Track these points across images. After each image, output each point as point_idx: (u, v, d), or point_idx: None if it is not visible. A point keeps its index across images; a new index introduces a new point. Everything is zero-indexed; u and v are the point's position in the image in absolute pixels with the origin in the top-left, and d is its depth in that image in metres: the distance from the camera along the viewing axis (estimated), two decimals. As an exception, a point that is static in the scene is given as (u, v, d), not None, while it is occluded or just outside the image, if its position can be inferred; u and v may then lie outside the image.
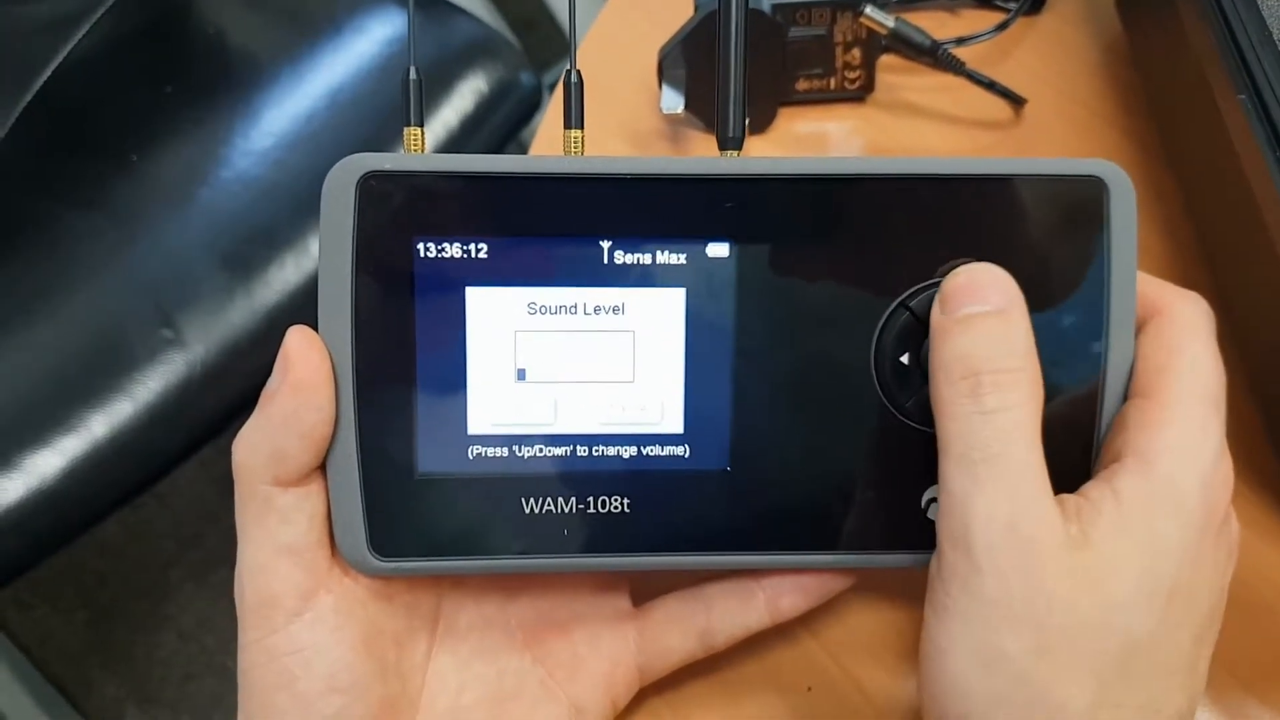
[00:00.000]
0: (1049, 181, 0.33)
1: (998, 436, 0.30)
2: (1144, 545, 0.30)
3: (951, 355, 0.31)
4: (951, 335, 0.31)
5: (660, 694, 0.39)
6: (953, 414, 0.30)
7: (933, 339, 0.32)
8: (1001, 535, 0.29)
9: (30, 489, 0.74)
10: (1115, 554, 0.29)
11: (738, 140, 0.35)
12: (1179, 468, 0.30)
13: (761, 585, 0.36)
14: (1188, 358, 0.32)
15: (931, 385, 0.31)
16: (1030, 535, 0.29)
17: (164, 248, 0.81)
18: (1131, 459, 0.31)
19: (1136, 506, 0.30)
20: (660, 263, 0.33)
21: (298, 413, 0.31)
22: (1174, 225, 0.48)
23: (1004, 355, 0.31)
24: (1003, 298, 0.31)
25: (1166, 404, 0.31)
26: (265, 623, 0.32)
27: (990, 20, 0.55)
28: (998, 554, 0.29)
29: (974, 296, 0.31)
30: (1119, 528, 0.30)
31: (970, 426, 0.30)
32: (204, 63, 0.91)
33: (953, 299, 0.31)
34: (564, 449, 0.33)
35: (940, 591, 0.30)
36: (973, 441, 0.30)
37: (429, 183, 0.32)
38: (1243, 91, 0.40)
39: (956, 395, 0.30)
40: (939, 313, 0.32)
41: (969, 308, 0.31)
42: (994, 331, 0.31)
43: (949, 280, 0.32)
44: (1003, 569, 0.29)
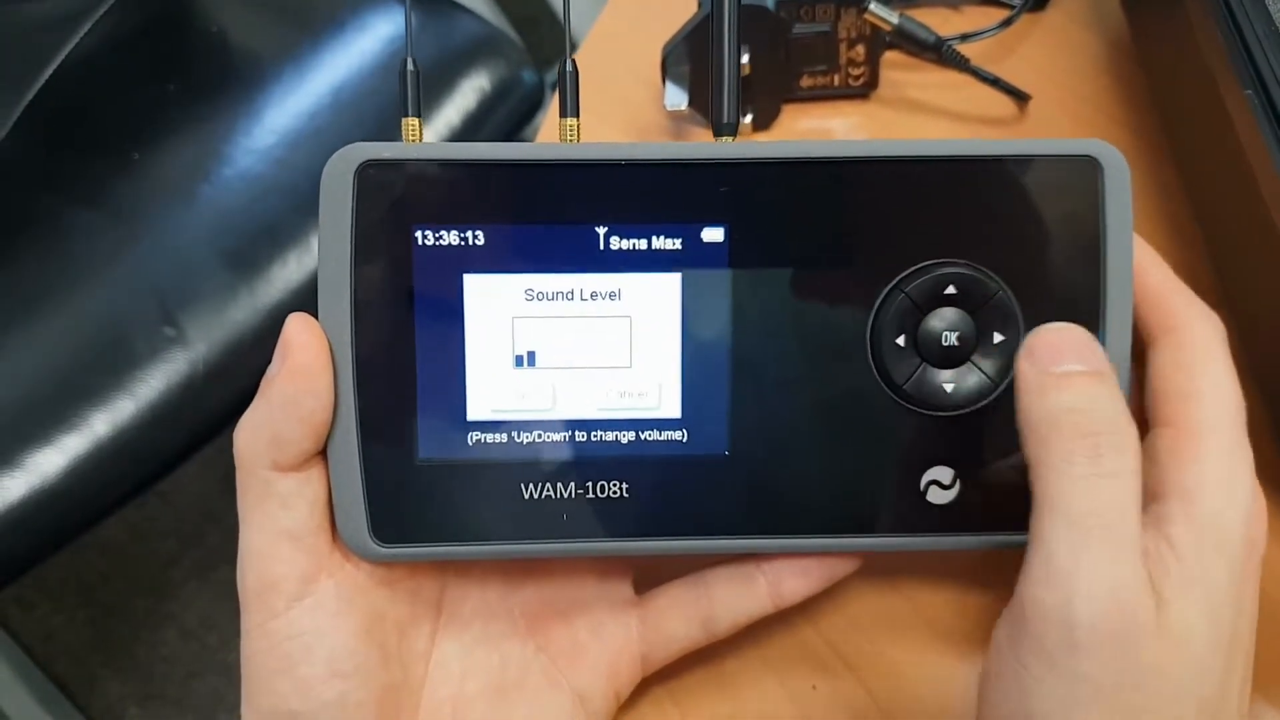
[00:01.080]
0: (1043, 162, 0.33)
1: (1115, 503, 0.28)
2: (1206, 596, 0.29)
3: (1061, 409, 0.29)
4: (1053, 389, 0.30)
5: (662, 683, 0.39)
6: (1066, 473, 0.29)
7: (1026, 392, 0.30)
8: (1109, 610, 0.27)
9: (32, 487, 0.74)
10: (1188, 612, 0.28)
11: (732, 126, 0.35)
12: (1223, 507, 0.29)
13: (763, 570, 0.36)
14: (1210, 382, 0.31)
15: (1032, 440, 0.30)
16: (1132, 609, 0.28)
17: (166, 246, 0.81)
18: (1175, 501, 0.30)
19: (1192, 555, 0.29)
20: (656, 248, 0.33)
21: (297, 398, 0.31)
22: (1179, 222, 0.48)
23: (1118, 416, 0.29)
24: (1099, 360, 0.30)
25: (1197, 434, 0.30)
26: (266, 607, 0.32)
27: (994, 16, 0.55)
28: (1101, 631, 0.27)
29: (1069, 355, 0.30)
30: (1185, 582, 0.28)
31: (1087, 489, 0.28)
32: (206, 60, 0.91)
33: (1045, 354, 0.30)
34: (563, 434, 0.33)
35: (1012, 662, 0.28)
36: (1089, 506, 0.28)
37: (426, 171, 0.32)
38: (1249, 87, 0.40)
39: (1072, 453, 0.29)
40: (1028, 366, 0.30)
41: (1066, 365, 0.30)
42: (1102, 392, 0.30)
43: (1037, 335, 0.31)
44: (1103, 646, 0.27)
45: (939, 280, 0.33)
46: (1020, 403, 0.30)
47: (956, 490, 0.34)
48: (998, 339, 0.33)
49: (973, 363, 0.33)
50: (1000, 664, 0.29)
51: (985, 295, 0.33)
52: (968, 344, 0.33)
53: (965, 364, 0.33)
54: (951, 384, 0.33)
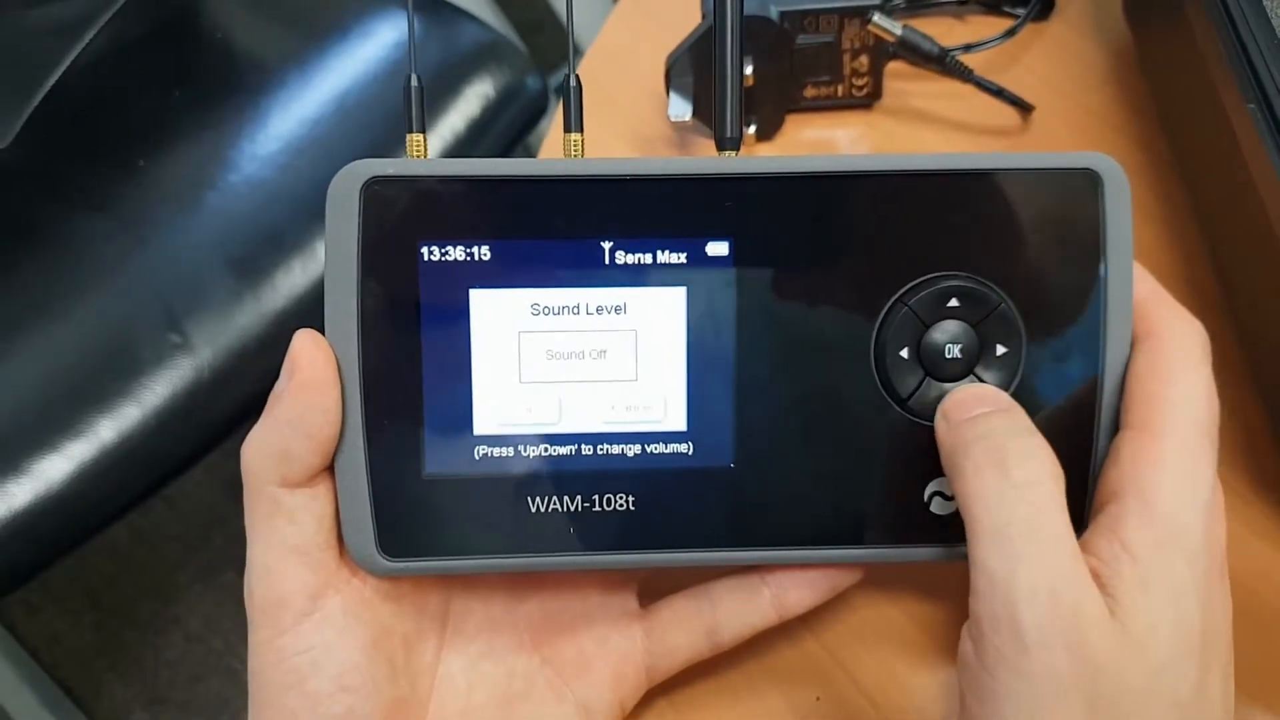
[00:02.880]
0: (1044, 175, 0.33)
1: (1032, 509, 0.29)
2: (1167, 597, 0.29)
3: (971, 442, 0.31)
4: (964, 430, 0.32)
5: (666, 695, 0.39)
6: (981, 493, 0.30)
7: (944, 445, 0.32)
8: (1047, 609, 0.28)
9: (38, 494, 0.74)
10: (1146, 613, 0.29)
11: (735, 141, 0.35)
12: (1179, 505, 0.30)
13: (767, 582, 0.36)
14: (1181, 388, 0.31)
15: (953, 477, 0.31)
16: (1074, 606, 0.28)
17: (171, 252, 0.81)
18: (1131, 500, 0.30)
19: (1149, 556, 0.29)
20: (661, 262, 0.33)
21: (304, 414, 0.31)
22: (1182, 233, 0.48)
23: (1024, 437, 0.31)
24: (1003, 400, 0.32)
25: (1161, 437, 0.31)
26: (274, 623, 0.32)
27: (998, 27, 0.55)
28: (1045, 629, 0.28)
29: (975, 404, 0.32)
30: (1141, 584, 0.29)
31: (1002, 502, 0.30)
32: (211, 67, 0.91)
33: (954, 410, 0.33)
34: (569, 448, 0.34)
35: (982, 674, 0.29)
36: (1007, 517, 0.29)
37: (432, 187, 0.33)
38: (1252, 100, 0.40)
39: (983, 477, 0.30)
40: (943, 425, 0.33)
41: (974, 410, 0.32)
42: (1005, 420, 0.32)
43: (945, 402, 0.33)
44: (1050, 643, 0.28)
45: (942, 293, 0.33)
46: (941, 455, 0.32)
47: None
48: (1000, 351, 0.33)
49: (975, 375, 0.33)
50: (969, 676, 0.30)
51: (988, 308, 0.33)
52: (971, 356, 0.33)
53: (968, 376, 0.34)
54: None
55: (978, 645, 0.29)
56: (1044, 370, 0.34)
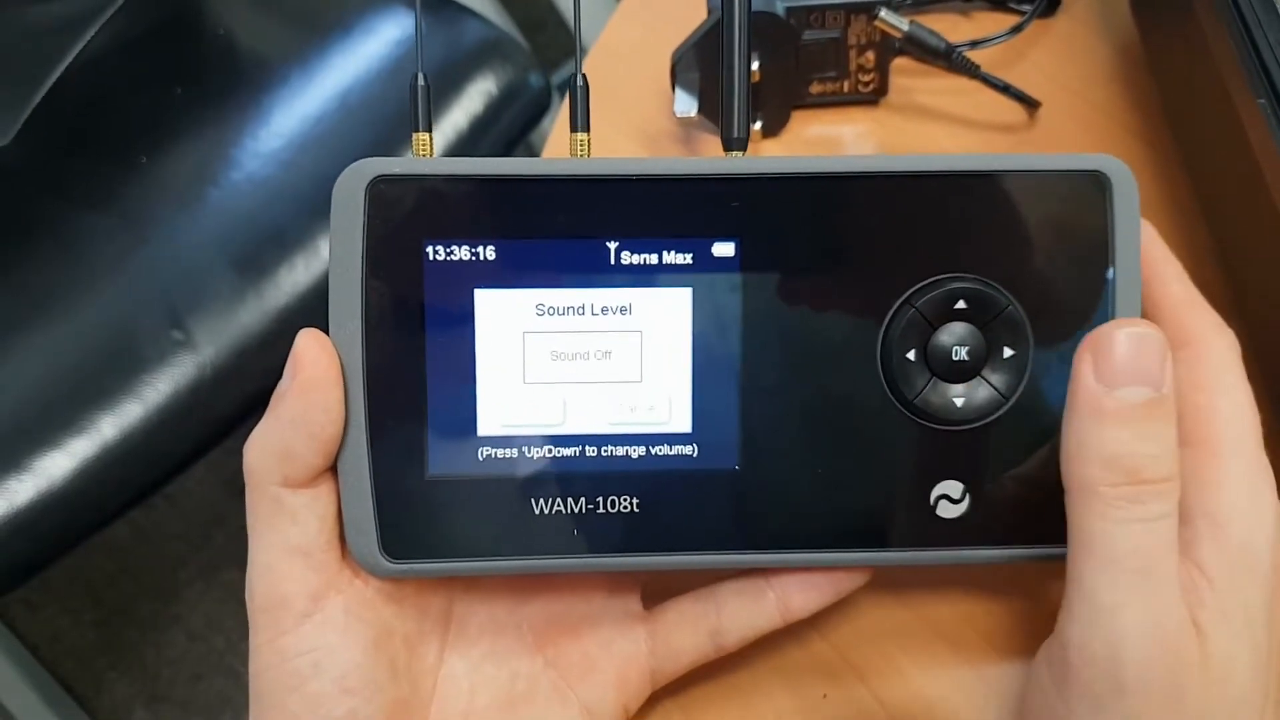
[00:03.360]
0: (1052, 177, 0.33)
1: (1157, 548, 0.28)
2: (1244, 626, 0.28)
3: (1111, 447, 0.29)
4: (1109, 421, 0.29)
5: (672, 696, 0.39)
6: (1110, 516, 0.28)
7: (1078, 410, 0.29)
8: (1155, 653, 0.27)
9: (40, 491, 0.74)
10: (1227, 643, 0.28)
11: (742, 141, 0.35)
12: (1252, 530, 0.29)
13: (772, 585, 0.36)
14: (1228, 400, 0.31)
15: (1074, 469, 0.29)
16: (1178, 649, 0.27)
17: (174, 250, 0.81)
18: (1202, 523, 0.29)
19: (1225, 582, 0.29)
20: (667, 263, 0.33)
21: (307, 413, 0.31)
22: (1190, 231, 0.48)
23: (1166, 460, 0.29)
24: (1163, 381, 0.29)
25: (1219, 455, 0.30)
26: (275, 624, 0.32)
27: (1004, 23, 0.55)
28: (1149, 673, 0.27)
29: (1142, 374, 0.29)
30: (1221, 612, 0.28)
31: (1129, 534, 0.28)
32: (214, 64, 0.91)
33: (1109, 369, 0.29)
34: (573, 449, 0.33)
35: (1056, 703, 0.28)
36: (1129, 547, 0.28)
37: (438, 186, 0.32)
38: (1262, 95, 0.40)
39: (1116, 497, 0.28)
40: (1088, 374, 0.29)
41: (1138, 391, 0.29)
42: (1159, 429, 0.29)
43: (1106, 337, 0.29)
44: (1151, 688, 0.27)
45: (949, 295, 0.33)
46: (1071, 417, 0.30)
47: (966, 504, 0.34)
48: (1008, 353, 0.33)
49: (983, 377, 0.33)
50: (1042, 699, 0.29)
51: (995, 310, 0.33)
52: (978, 358, 0.33)
53: (975, 378, 0.33)
54: (962, 398, 0.33)
55: (1061, 674, 0.28)
56: (1051, 373, 0.33)
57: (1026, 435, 0.33)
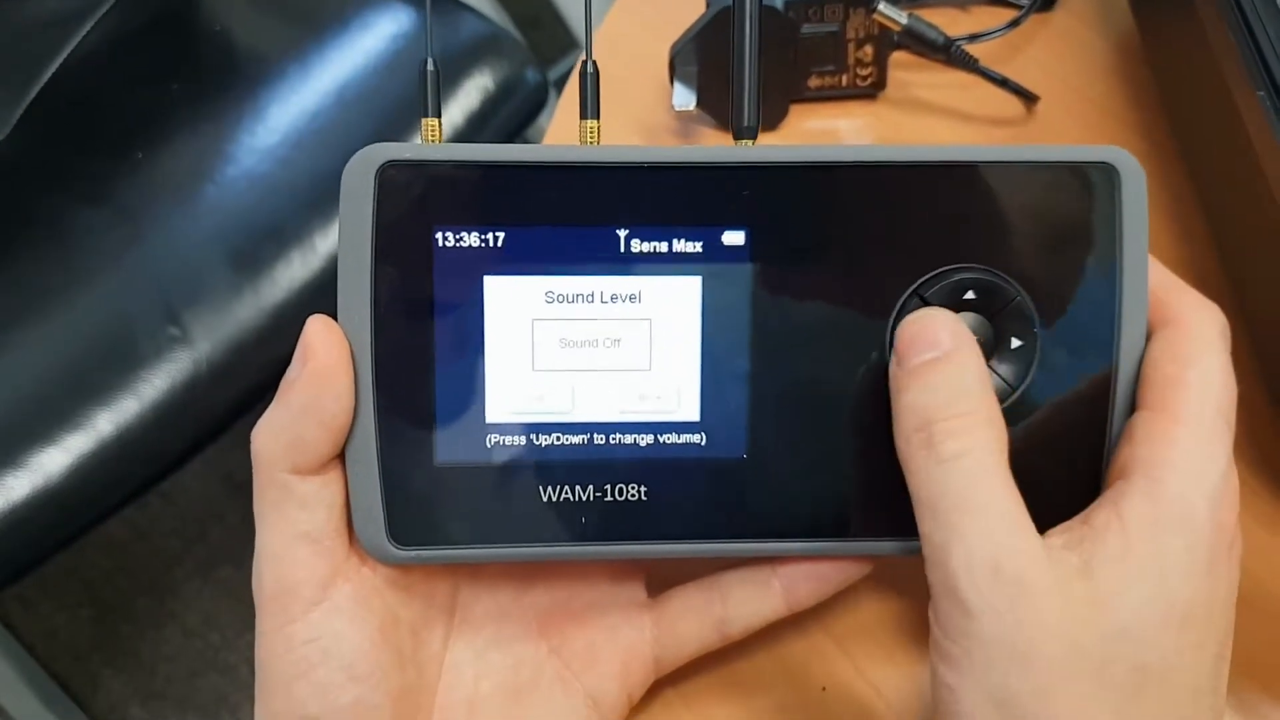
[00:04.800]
0: (1061, 168, 0.33)
1: (961, 483, 0.30)
2: (1150, 568, 0.29)
3: (905, 409, 0.31)
4: (904, 388, 0.32)
5: (674, 685, 0.39)
6: (914, 467, 0.31)
7: (891, 394, 0.32)
8: (986, 577, 0.29)
9: (36, 487, 0.74)
10: (1117, 581, 0.29)
11: (752, 130, 0.35)
12: (1188, 485, 0.30)
13: (777, 573, 0.36)
14: (1199, 371, 0.31)
15: (896, 440, 0.32)
16: (1016, 573, 0.28)
17: (171, 245, 0.81)
18: (1139, 478, 0.30)
19: (1142, 530, 0.29)
20: (677, 251, 0.33)
21: (317, 401, 0.31)
22: (1188, 223, 0.48)
23: (955, 400, 0.31)
24: (950, 339, 0.31)
25: (1176, 419, 0.31)
26: (284, 611, 0.32)
27: (1002, 17, 0.55)
28: (986, 596, 0.28)
29: (923, 344, 0.32)
30: (1121, 552, 0.29)
31: (932, 477, 0.30)
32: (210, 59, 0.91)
33: (904, 351, 0.32)
34: (581, 437, 0.33)
35: (942, 640, 0.30)
36: (938, 491, 0.30)
37: (448, 172, 0.32)
38: (1261, 88, 0.40)
39: (913, 449, 0.31)
40: (895, 367, 0.32)
41: (919, 356, 0.31)
42: (943, 378, 0.31)
43: (900, 331, 0.32)
44: (996, 610, 0.28)
45: (957, 285, 0.33)
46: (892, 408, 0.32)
47: None
48: (1015, 344, 0.33)
49: (990, 367, 0.33)
50: (933, 642, 0.30)
51: (1003, 300, 0.33)
52: (986, 349, 0.33)
53: None
54: None
55: (935, 612, 0.30)
56: (1059, 363, 0.33)
57: (1033, 425, 0.34)
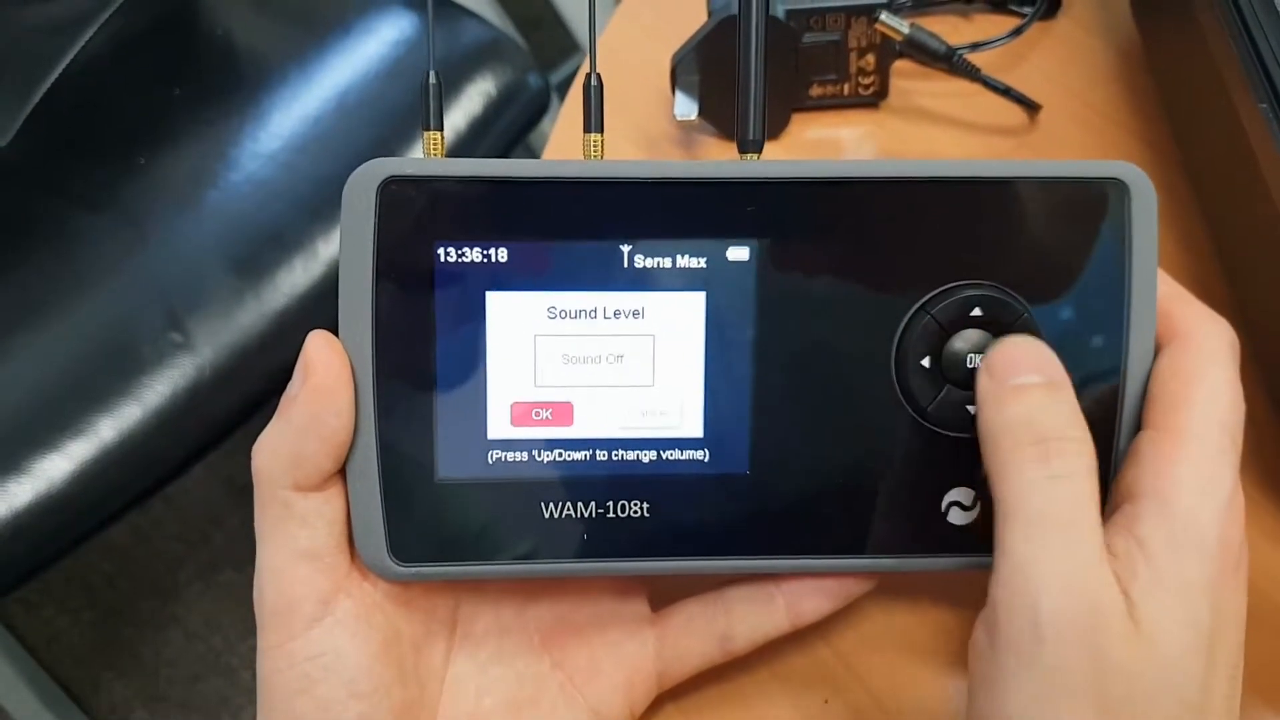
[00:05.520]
0: (1070, 184, 0.33)
1: (1067, 502, 0.29)
2: (1179, 596, 0.29)
3: (1014, 420, 0.31)
4: (1009, 401, 0.31)
5: (674, 700, 0.39)
6: (1019, 479, 0.30)
7: (984, 405, 0.31)
8: (1069, 602, 0.28)
9: (39, 493, 0.74)
10: (1158, 611, 0.29)
11: (758, 143, 0.35)
12: (1195, 505, 0.30)
13: (781, 589, 0.36)
14: (1205, 388, 0.31)
15: (989, 451, 0.31)
16: (1094, 602, 0.28)
17: (173, 251, 0.81)
18: (1149, 500, 0.30)
19: (1163, 554, 0.29)
20: (680, 266, 0.33)
21: (318, 417, 0.31)
22: (1190, 233, 0.48)
23: (1068, 423, 0.30)
24: (1054, 370, 0.31)
25: (1181, 439, 0.31)
26: (285, 628, 0.32)
27: (1004, 25, 0.55)
28: (1063, 622, 0.28)
29: (1024, 367, 0.31)
30: (1154, 581, 0.29)
31: (1038, 489, 0.29)
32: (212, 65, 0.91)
33: (1002, 368, 0.31)
34: (584, 453, 0.33)
35: (992, 662, 0.29)
36: (1041, 505, 0.29)
37: (450, 187, 0.32)
38: (1263, 100, 0.40)
39: (1024, 460, 0.30)
40: (987, 381, 0.31)
41: (1022, 377, 0.31)
42: (1054, 400, 0.31)
43: (995, 351, 0.32)
44: (1066, 638, 0.28)
45: (964, 302, 0.33)
46: (979, 416, 0.32)
47: (977, 511, 0.34)
48: None
49: None
50: (979, 663, 0.30)
51: (1010, 317, 0.33)
52: None
53: None
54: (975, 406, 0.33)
55: (992, 632, 0.29)
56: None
57: None
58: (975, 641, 0.30)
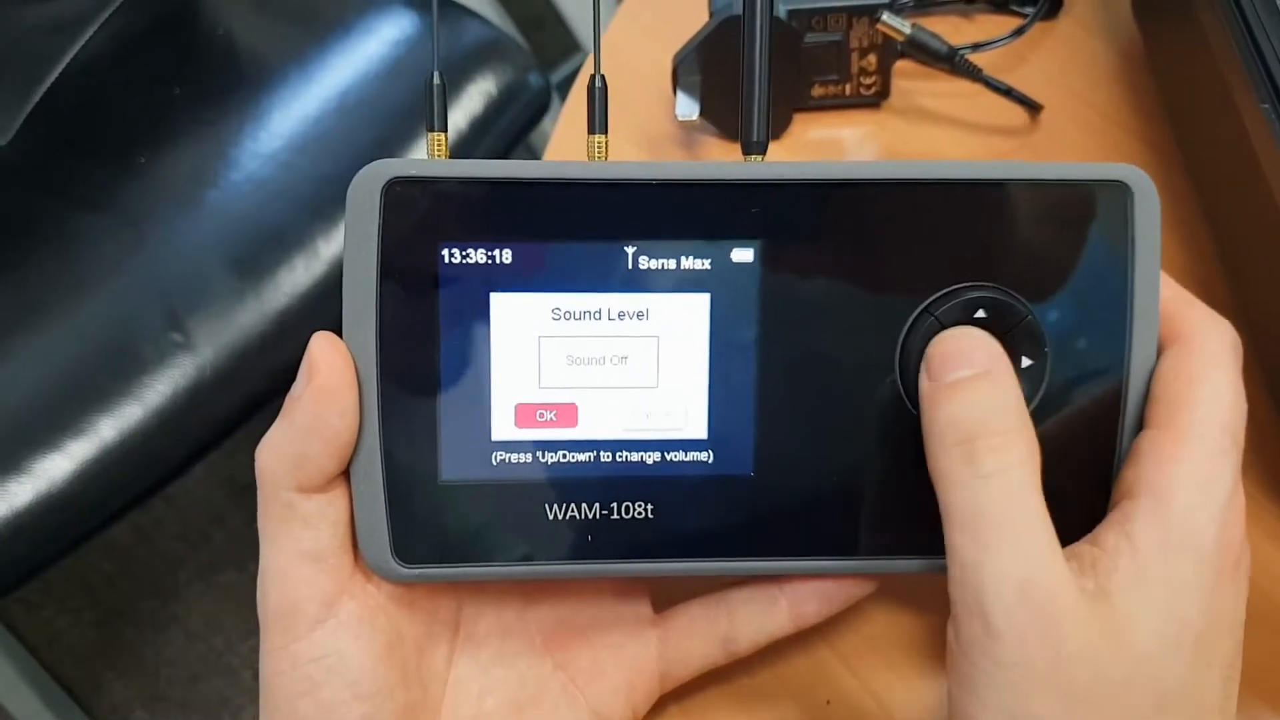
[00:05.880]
0: (1074, 186, 0.33)
1: (1000, 499, 0.29)
2: (1163, 592, 0.29)
3: (944, 422, 0.31)
4: (941, 402, 0.31)
5: (676, 701, 0.39)
6: (951, 482, 0.30)
7: (923, 408, 0.32)
8: (1015, 598, 0.28)
9: (39, 493, 0.74)
10: (1134, 605, 0.29)
11: (762, 145, 0.35)
12: (1194, 505, 0.30)
13: (784, 591, 0.36)
14: (1206, 390, 0.31)
15: (928, 455, 0.31)
16: (1045, 595, 0.28)
17: (173, 250, 0.81)
18: (1145, 498, 0.30)
19: (1152, 552, 0.29)
20: (685, 268, 0.33)
21: (322, 418, 0.31)
22: (1192, 234, 0.48)
23: (996, 417, 0.30)
24: (987, 359, 0.31)
25: (1181, 438, 0.31)
26: (288, 629, 0.32)
27: (1006, 25, 0.55)
28: (1014, 617, 0.28)
29: (958, 361, 0.31)
30: (1136, 577, 0.29)
31: (971, 492, 0.30)
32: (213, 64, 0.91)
33: (938, 366, 0.31)
34: (587, 455, 0.33)
35: (962, 661, 0.29)
36: (976, 506, 0.30)
37: (454, 189, 0.32)
38: (1266, 100, 0.40)
39: (953, 462, 0.30)
40: (926, 381, 0.32)
41: (955, 373, 0.31)
42: (983, 394, 0.31)
43: (932, 348, 0.32)
44: (1021, 632, 0.28)
45: (968, 304, 0.33)
46: (922, 422, 0.32)
47: None
48: (1026, 363, 0.33)
49: None
50: (953, 664, 0.30)
51: (1014, 319, 0.33)
52: None
53: None
54: None
55: (957, 631, 0.30)
56: (1068, 382, 0.33)
57: (1042, 444, 0.33)
58: (948, 643, 0.30)
